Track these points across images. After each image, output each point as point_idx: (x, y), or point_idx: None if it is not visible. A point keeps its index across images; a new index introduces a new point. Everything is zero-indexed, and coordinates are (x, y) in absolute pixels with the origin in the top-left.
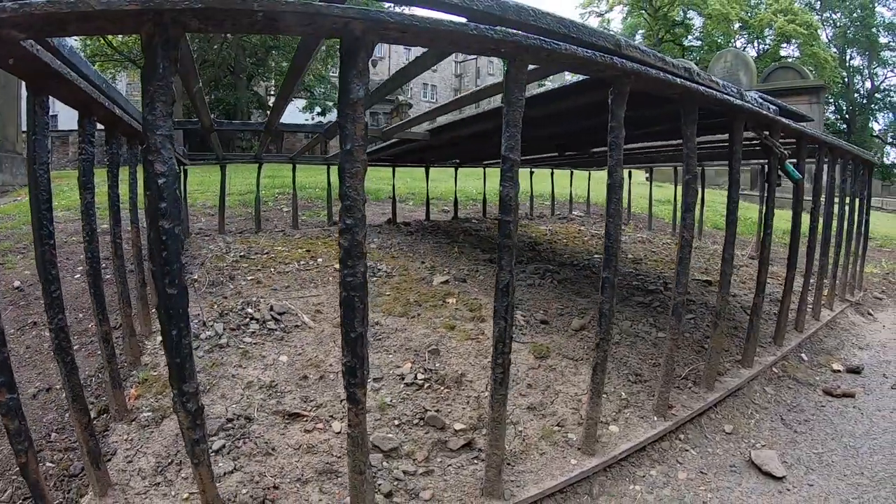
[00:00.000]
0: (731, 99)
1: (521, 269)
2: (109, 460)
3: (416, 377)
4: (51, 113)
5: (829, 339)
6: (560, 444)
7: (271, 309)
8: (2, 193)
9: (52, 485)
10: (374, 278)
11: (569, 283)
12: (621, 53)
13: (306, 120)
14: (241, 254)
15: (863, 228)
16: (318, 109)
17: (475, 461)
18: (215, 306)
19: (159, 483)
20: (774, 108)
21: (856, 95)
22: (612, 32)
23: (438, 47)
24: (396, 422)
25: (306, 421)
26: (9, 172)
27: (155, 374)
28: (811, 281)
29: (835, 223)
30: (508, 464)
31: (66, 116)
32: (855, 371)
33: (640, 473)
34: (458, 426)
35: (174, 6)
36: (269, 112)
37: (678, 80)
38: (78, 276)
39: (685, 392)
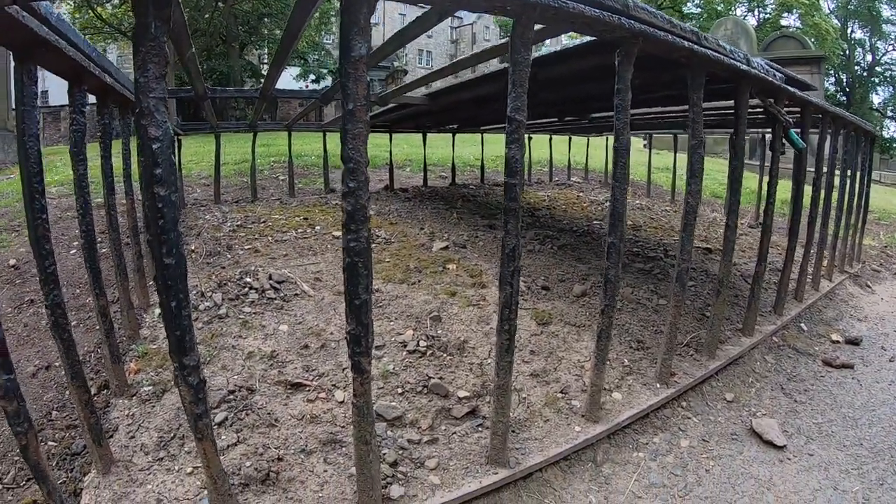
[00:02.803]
0: (739, 64)
1: (521, 235)
2: (111, 437)
3: (418, 344)
4: (42, 89)
5: (828, 310)
6: (564, 411)
7: (270, 278)
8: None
9: (54, 464)
10: (373, 245)
11: (569, 250)
12: (629, 14)
13: (300, 88)
14: (238, 223)
15: (863, 200)
16: (311, 77)
17: (479, 428)
18: (213, 277)
19: (162, 458)
20: (780, 75)
21: (856, 68)
22: None
23: (443, 5)
24: (400, 390)
25: (309, 391)
26: (1, 151)
27: (154, 347)
28: (812, 251)
29: (835, 194)
30: (513, 431)
31: (57, 92)
32: (854, 342)
33: (643, 440)
34: (461, 393)
35: None
36: (262, 80)
37: (686, 42)
38: (74, 251)
39: (687, 360)
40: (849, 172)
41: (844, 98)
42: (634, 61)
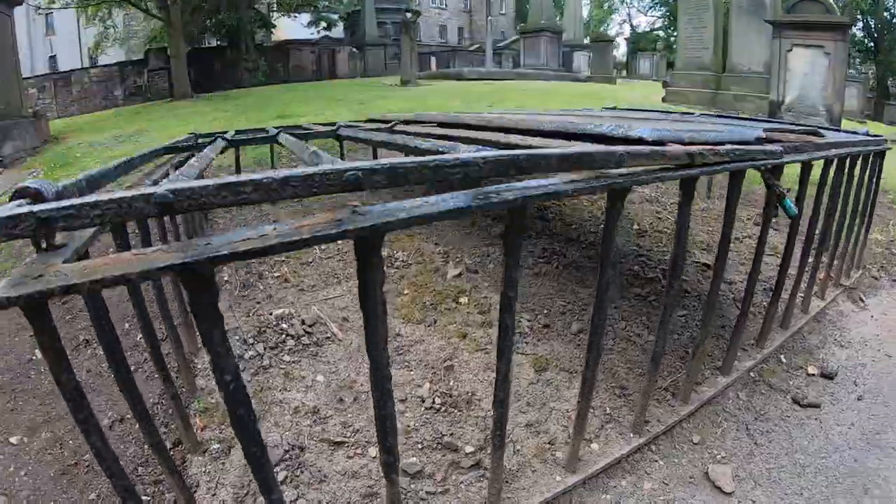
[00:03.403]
0: (738, 164)
1: (530, 251)
2: (195, 492)
3: (434, 401)
4: (49, 54)
5: (813, 336)
6: (549, 461)
7: (303, 323)
8: (16, 161)
9: None
10: (393, 270)
11: (574, 270)
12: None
13: (311, 34)
14: None
15: (867, 214)
16: (323, 24)
17: (481, 479)
18: (251, 316)
19: None
20: (780, 149)
21: (885, 14)
22: (615, 150)
23: None
24: (419, 445)
25: (348, 447)
26: (19, 138)
27: (213, 401)
28: (803, 280)
29: (839, 203)
30: (506, 482)
31: (65, 58)
32: (828, 377)
33: (612, 484)
34: (468, 448)
35: None
36: (272, 30)
37: (679, 172)
38: None
39: (662, 405)
40: (854, 189)
41: (872, 44)
42: None
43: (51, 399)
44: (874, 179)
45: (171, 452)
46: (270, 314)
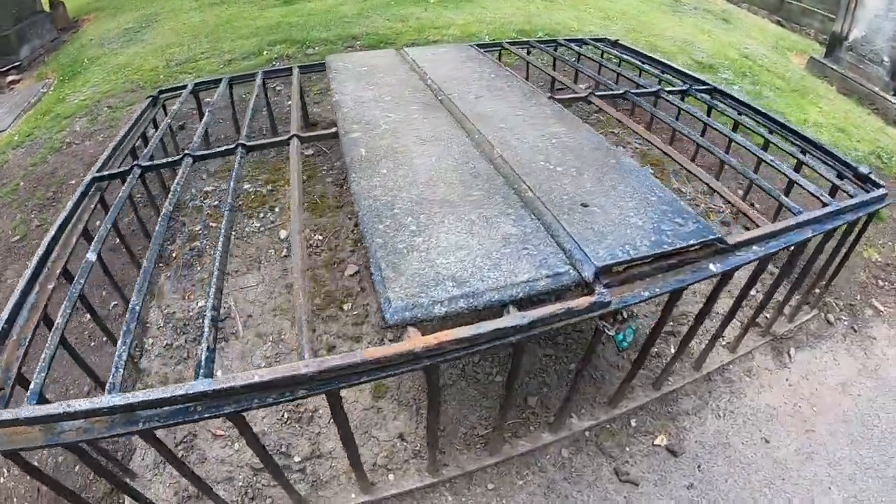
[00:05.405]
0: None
1: None
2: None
3: (284, 414)
4: None
5: (688, 400)
6: (353, 480)
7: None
8: (35, 62)
9: None
10: (310, 250)
11: None
12: None
13: None
14: (214, 203)
15: (828, 276)
16: None
17: (302, 481)
18: (185, 301)
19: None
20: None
21: None
22: None
23: None
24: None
25: (223, 439)
26: (37, 37)
27: None
28: (701, 338)
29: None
30: (317, 488)
31: None
32: (672, 452)
33: None
34: (297, 458)
35: None
36: None
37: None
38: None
39: (472, 452)
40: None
41: None
42: None
43: None
44: (845, 249)
45: None
46: (196, 304)
